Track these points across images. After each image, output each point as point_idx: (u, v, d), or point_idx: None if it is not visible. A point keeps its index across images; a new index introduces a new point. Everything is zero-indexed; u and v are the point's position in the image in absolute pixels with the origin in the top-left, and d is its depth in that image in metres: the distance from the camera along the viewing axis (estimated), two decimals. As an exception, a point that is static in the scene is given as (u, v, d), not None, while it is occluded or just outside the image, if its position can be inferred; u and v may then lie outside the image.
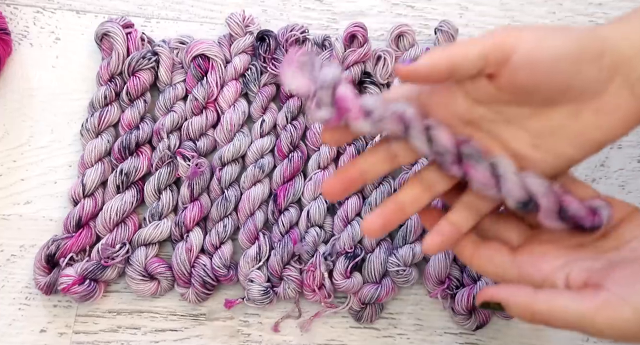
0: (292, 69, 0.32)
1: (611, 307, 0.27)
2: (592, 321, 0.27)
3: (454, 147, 0.32)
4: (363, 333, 0.51)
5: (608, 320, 0.26)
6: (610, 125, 0.32)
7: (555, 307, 0.28)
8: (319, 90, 0.31)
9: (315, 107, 0.32)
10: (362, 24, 0.54)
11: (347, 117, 0.32)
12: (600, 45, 0.30)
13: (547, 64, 0.30)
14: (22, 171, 0.53)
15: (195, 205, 0.51)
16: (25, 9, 0.56)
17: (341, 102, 0.31)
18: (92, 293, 0.48)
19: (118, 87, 0.53)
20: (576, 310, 0.27)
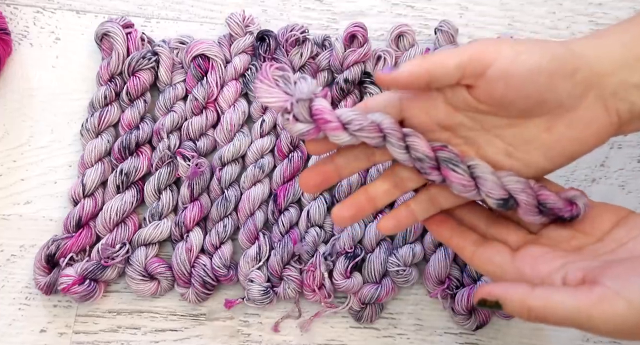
0: (266, 84, 0.32)
1: (606, 301, 0.27)
2: (587, 316, 0.27)
3: (432, 153, 0.34)
4: (363, 333, 0.51)
5: (603, 315, 0.26)
6: (583, 138, 0.33)
7: (551, 303, 0.28)
8: (296, 105, 0.32)
9: (293, 121, 0.32)
10: (362, 24, 0.54)
11: (326, 129, 0.33)
12: (575, 61, 0.31)
13: (521, 78, 0.31)
14: (22, 171, 0.53)
15: (195, 205, 0.51)
16: (25, 9, 0.56)
17: (319, 115, 0.32)
18: (92, 293, 0.48)
19: (118, 87, 0.53)
20: (572, 306, 0.27)
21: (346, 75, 0.54)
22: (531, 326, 0.52)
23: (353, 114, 0.33)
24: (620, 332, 0.27)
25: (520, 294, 0.29)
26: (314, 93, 0.32)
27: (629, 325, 0.26)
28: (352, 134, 0.33)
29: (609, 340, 0.52)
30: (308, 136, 0.33)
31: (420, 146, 0.34)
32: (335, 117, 0.33)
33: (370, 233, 0.51)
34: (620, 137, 0.56)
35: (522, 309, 0.29)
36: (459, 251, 0.36)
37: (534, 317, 0.28)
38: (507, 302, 0.29)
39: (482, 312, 0.50)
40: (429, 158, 0.34)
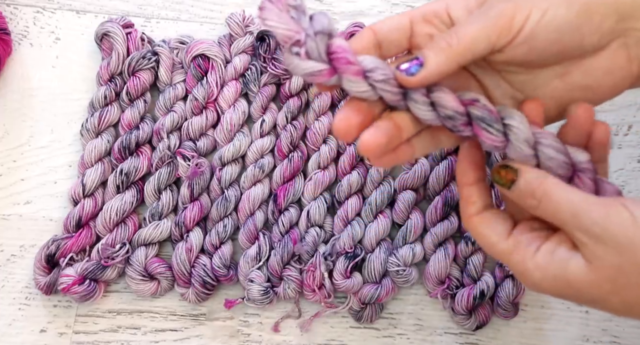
0: (277, 8, 0.27)
1: (614, 207, 0.27)
2: (590, 209, 0.27)
3: (463, 109, 0.30)
4: (363, 333, 0.51)
5: (605, 213, 0.27)
6: (597, 88, 0.32)
7: (563, 189, 0.28)
8: (311, 38, 0.27)
9: (305, 56, 0.28)
10: (362, 24, 0.54)
11: (344, 72, 0.28)
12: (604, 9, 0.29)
13: (547, 39, 0.30)
14: (22, 171, 0.53)
15: (195, 205, 0.51)
16: (25, 9, 0.56)
17: (339, 53, 0.28)
18: (92, 293, 0.48)
19: (118, 87, 0.53)
20: (581, 197, 0.28)
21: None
22: (531, 326, 0.52)
23: (377, 62, 0.29)
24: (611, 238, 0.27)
25: (541, 174, 0.29)
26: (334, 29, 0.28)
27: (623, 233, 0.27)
28: (371, 84, 0.29)
29: (609, 340, 0.52)
30: (318, 78, 0.28)
31: (449, 102, 0.29)
32: (357, 60, 0.28)
33: (370, 233, 0.51)
34: (620, 137, 0.56)
35: (537, 182, 0.29)
36: (466, 204, 0.33)
37: (541, 193, 0.29)
38: (527, 174, 0.29)
39: (482, 312, 0.50)
40: (460, 114, 0.30)
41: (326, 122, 0.54)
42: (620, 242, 0.27)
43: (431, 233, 0.51)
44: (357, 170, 0.52)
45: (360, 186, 0.53)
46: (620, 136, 0.57)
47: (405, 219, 0.52)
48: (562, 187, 0.29)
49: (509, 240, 0.31)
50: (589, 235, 0.27)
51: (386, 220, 0.51)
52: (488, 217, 0.32)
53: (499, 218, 0.32)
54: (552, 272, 0.29)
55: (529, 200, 0.30)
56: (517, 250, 0.30)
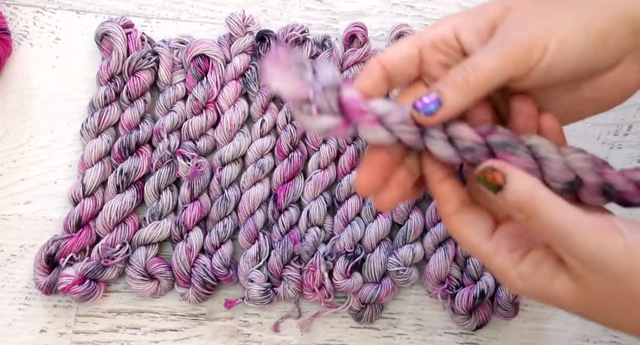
0: (280, 70, 0.27)
1: (607, 230, 0.26)
2: (581, 233, 0.26)
3: (482, 139, 0.29)
4: (363, 333, 0.51)
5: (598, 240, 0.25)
6: (606, 100, 0.31)
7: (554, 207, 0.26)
8: (320, 94, 0.27)
9: (317, 113, 0.27)
10: (362, 24, 0.54)
11: (360, 123, 0.28)
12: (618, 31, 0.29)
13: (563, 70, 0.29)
14: (22, 171, 0.53)
15: (195, 205, 0.51)
16: (25, 9, 0.56)
17: (351, 105, 0.27)
18: (92, 293, 0.48)
19: (118, 87, 0.53)
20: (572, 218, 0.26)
21: (346, 75, 0.54)
22: (531, 326, 0.52)
23: (391, 104, 0.28)
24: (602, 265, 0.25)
25: (532, 181, 0.27)
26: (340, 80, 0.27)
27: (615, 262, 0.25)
28: (388, 128, 0.28)
29: (609, 340, 0.52)
30: (334, 132, 0.28)
31: (467, 133, 0.28)
32: (370, 107, 0.28)
33: (370, 233, 0.51)
34: (620, 136, 0.56)
35: (525, 194, 0.27)
36: (441, 202, 0.31)
37: (528, 209, 0.27)
38: (517, 180, 0.27)
39: (482, 312, 0.50)
40: (480, 145, 0.29)
41: (326, 122, 0.54)
42: (611, 270, 0.25)
43: (431, 233, 0.51)
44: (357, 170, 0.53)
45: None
46: (620, 136, 0.57)
47: (405, 219, 0.52)
48: (554, 204, 0.26)
49: (492, 241, 0.29)
50: (579, 260, 0.26)
51: (386, 220, 0.51)
52: (469, 216, 0.30)
53: (479, 217, 0.30)
54: (536, 284, 0.28)
55: (516, 214, 0.27)
56: (499, 254, 0.29)
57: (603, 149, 0.56)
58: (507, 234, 0.30)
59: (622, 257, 0.25)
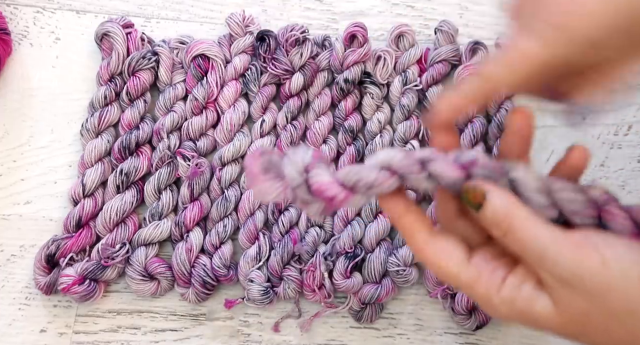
0: (258, 182, 0.28)
1: (583, 248, 0.26)
2: (558, 251, 0.26)
3: (462, 174, 0.29)
4: (363, 333, 0.51)
5: (573, 257, 0.25)
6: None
7: (530, 225, 0.26)
8: (294, 191, 0.28)
9: (303, 205, 0.29)
10: (362, 24, 0.54)
11: (334, 205, 0.28)
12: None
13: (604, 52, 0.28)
14: (22, 171, 0.53)
15: (195, 205, 0.51)
16: (25, 9, 0.56)
17: (319, 194, 0.28)
18: (92, 293, 0.48)
19: (118, 87, 0.53)
20: (547, 236, 0.26)
21: (346, 75, 0.54)
22: (531, 326, 0.52)
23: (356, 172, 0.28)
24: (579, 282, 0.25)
25: (511, 201, 0.27)
26: (305, 167, 0.28)
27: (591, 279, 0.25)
28: (365, 194, 0.29)
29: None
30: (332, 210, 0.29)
31: (444, 171, 0.28)
32: (337, 187, 0.28)
33: (370, 233, 0.51)
34: (620, 136, 0.56)
35: (503, 215, 0.27)
36: (410, 235, 0.30)
37: (508, 230, 0.27)
38: (495, 198, 0.27)
39: (482, 312, 0.50)
40: (460, 180, 0.28)
41: (326, 122, 0.54)
42: (588, 288, 0.25)
43: (431, 233, 0.51)
44: (357, 170, 0.52)
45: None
46: (620, 136, 0.57)
47: (405, 219, 0.52)
48: (530, 221, 0.27)
49: (470, 268, 0.28)
50: (556, 279, 0.26)
51: (386, 220, 0.51)
52: (442, 245, 0.29)
53: (452, 244, 0.29)
54: (518, 307, 0.27)
55: (494, 230, 0.28)
56: (480, 280, 0.28)
57: (603, 149, 0.56)
58: (486, 258, 0.29)
59: (598, 274, 0.25)
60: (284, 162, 0.29)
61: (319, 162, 0.29)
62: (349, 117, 0.54)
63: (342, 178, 0.28)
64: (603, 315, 0.25)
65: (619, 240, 0.27)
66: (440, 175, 0.28)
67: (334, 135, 0.54)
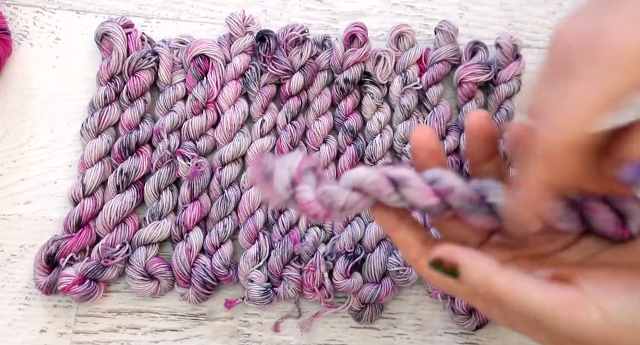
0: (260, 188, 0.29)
1: (581, 308, 0.24)
2: (553, 316, 0.24)
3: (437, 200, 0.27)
4: (363, 333, 0.51)
5: (573, 321, 0.23)
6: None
7: (517, 290, 0.24)
8: (285, 201, 0.28)
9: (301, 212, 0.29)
10: (362, 24, 0.54)
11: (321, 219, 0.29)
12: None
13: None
14: (22, 171, 0.53)
15: (195, 205, 0.51)
16: (25, 9, 0.56)
17: (304, 212, 0.28)
18: (92, 293, 0.48)
19: (118, 87, 0.53)
20: (539, 300, 0.24)
21: (346, 75, 0.54)
22: (531, 326, 0.52)
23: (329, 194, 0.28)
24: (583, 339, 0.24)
25: (487, 268, 0.25)
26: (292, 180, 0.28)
27: (596, 338, 0.23)
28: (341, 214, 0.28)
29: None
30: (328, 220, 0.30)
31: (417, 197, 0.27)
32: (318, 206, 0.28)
33: (370, 233, 0.51)
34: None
35: (481, 286, 0.25)
36: (404, 249, 0.29)
37: (491, 297, 0.25)
38: (469, 272, 0.25)
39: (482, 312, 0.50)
40: (435, 207, 0.28)
41: (326, 122, 0.54)
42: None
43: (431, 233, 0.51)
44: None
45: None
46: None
47: (405, 219, 0.52)
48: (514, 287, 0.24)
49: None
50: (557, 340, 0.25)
51: (386, 220, 0.51)
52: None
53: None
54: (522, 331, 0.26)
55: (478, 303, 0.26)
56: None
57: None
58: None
59: (603, 331, 0.23)
60: (274, 175, 0.28)
61: (305, 173, 0.28)
62: (349, 117, 0.54)
63: (318, 198, 0.28)
64: None
65: (619, 287, 0.25)
66: (413, 201, 0.27)
67: (334, 135, 0.54)
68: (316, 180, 0.29)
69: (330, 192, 0.28)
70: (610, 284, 0.25)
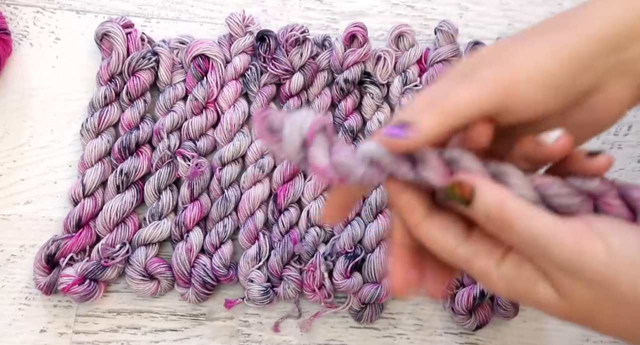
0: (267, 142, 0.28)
1: (586, 238, 0.24)
2: (559, 241, 0.24)
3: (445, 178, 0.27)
4: (363, 333, 0.51)
5: (576, 250, 0.24)
6: (601, 122, 0.30)
7: (528, 216, 0.25)
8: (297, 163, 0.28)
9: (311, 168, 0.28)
10: (362, 24, 0.54)
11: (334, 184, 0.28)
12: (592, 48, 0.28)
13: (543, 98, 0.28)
14: (22, 171, 0.53)
15: (195, 205, 0.51)
16: (25, 9, 0.56)
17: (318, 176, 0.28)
18: (92, 293, 0.48)
19: (118, 87, 0.53)
20: (548, 226, 0.25)
21: (346, 75, 0.54)
22: (531, 326, 0.52)
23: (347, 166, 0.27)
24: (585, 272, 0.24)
25: (502, 193, 0.26)
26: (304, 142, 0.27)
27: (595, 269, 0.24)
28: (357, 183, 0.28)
29: (609, 340, 0.52)
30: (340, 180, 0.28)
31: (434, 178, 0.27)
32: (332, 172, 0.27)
33: (370, 233, 0.51)
34: (620, 137, 0.56)
35: (495, 207, 0.26)
36: (408, 212, 0.29)
37: (500, 223, 0.26)
38: (485, 194, 0.26)
39: (482, 312, 0.50)
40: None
41: (326, 122, 0.54)
42: (595, 279, 0.24)
43: (431, 233, 0.51)
44: (357, 170, 0.52)
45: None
46: (620, 136, 0.57)
47: (405, 219, 0.52)
48: (526, 214, 0.25)
49: (469, 244, 0.28)
50: (560, 270, 0.25)
51: (386, 220, 0.51)
52: (439, 221, 0.28)
53: (450, 220, 0.28)
54: (519, 287, 0.27)
55: (488, 226, 0.26)
56: (478, 255, 0.28)
57: (603, 149, 0.56)
58: (483, 236, 0.28)
59: (604, 264, 0.24)
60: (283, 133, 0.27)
61: (318, 134, 0.27)
62: (349, 117, 0.54)
63: (334, 165, 0.27)
64: (611, 305, 0.24)
65: (624, 225, 0.25)
66: (430, 181, 0.27)
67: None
68: (328, 141, 0.28)
69: (347, 165, 0.27)
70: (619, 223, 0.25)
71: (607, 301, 0.24)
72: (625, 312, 0.24)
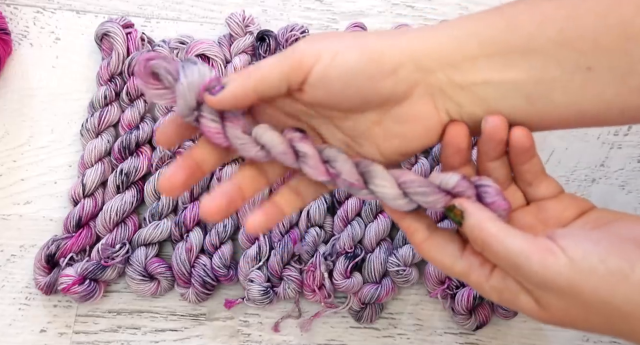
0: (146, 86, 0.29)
1: (550, 253, 0.27)
2: (527, 259, 0.27)
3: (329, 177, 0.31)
4: (363, 333, 0.51)
5: (542, 264, 0.27)
6: (410, 135, 0.32)
7: (502, 237, 0.28)
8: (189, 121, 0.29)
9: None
10: (362, 24, 0.54)
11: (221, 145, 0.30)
12: (397, 57, 0.30)
13: (339, 82, 0.30)
14: (22, 171, 0.53)
15: (195, 205, 0.51)
16: (25, 9, 0.56)
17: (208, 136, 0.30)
18: (92, 293, 0.48)
19: (118, 87, 0.53)
20: (518, 245, 0.28)
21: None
22: (532, 326, 0.52)
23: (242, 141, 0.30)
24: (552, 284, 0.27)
25: (483, 216, 0.29)
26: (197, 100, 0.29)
27: (562, 280, 0.27)
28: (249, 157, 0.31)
29: (609, 340, 0.52)
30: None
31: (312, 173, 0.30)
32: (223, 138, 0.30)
33: (370, 233, 0.51)
34: (620, 137, 0.56)
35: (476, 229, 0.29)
36: (410, 234, 0.33)
37: (481, 241, 0.29)
38: (470, 217, 0.29)
39: (482, 312, 0.50)
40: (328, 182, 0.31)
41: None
42: (561, 289, 0.27)
43: (431, 233, 0.51)
44: (357, 170, 0.52)
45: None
46: (620, 136, 0.57)
47: (405, 219, 0.52)
48: (502, 235, 0.29)
49: (463, 260, 0.31)
50: (531, 284, 0.28)
51: (386, 220, 0.51)
52: (437, 241, 0.32)
53: (447, 239, 0.32)
54: (506, 297, 0.30)
55: (474, 245, 0.30)
56: (472, 270, 0.31)
57: (603, 149, 0.56)
58: (474, 251, 0.31)
59: (567, 275, 0.27)
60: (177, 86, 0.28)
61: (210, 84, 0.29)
62: (349, 117, 0.54)
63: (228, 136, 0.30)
64: (580, 309, 0.28)
65: (586, 238, 0.28)
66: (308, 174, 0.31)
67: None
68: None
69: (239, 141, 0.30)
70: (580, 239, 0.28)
71: (577, 307, 0.28)
72: (594, 313, 0.28)
